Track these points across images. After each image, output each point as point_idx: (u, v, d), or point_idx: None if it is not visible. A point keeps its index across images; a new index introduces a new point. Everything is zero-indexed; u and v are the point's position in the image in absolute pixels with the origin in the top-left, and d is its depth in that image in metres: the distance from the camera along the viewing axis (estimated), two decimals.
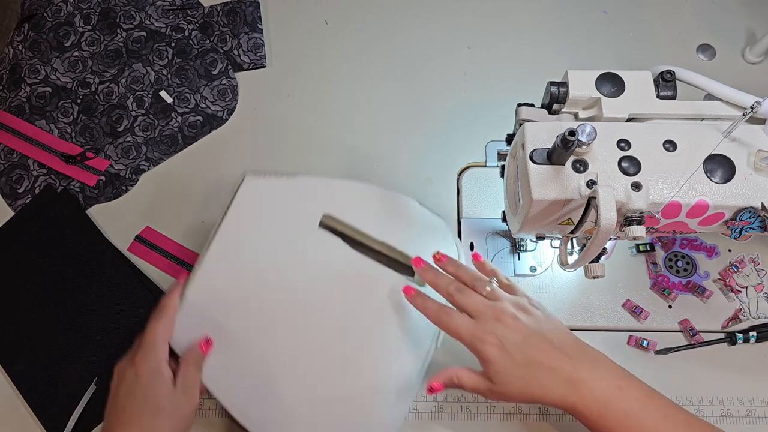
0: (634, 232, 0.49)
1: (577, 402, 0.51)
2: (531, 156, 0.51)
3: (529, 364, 0.52)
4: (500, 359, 0.52)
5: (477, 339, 0.53)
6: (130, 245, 0.72)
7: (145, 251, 0.71)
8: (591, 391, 0.51)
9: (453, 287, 0.56)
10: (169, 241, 0.72)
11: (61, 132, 0.77)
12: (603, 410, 0.51)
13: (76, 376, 0.66)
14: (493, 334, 0.52)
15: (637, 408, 0.51)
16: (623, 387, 0.52)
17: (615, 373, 0.52)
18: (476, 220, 0.72)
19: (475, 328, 0.53)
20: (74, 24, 0.82)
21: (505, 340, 0.52)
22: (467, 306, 0.55)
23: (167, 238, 0.72)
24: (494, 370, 0.52)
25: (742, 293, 0.68)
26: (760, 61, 0.80)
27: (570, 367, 0.52)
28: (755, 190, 0.51)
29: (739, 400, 0.64)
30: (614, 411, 0.50)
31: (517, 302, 0.55)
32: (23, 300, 0.69)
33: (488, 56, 0.81)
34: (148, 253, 0.71)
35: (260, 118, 0.78)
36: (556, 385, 0.52)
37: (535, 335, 0.53)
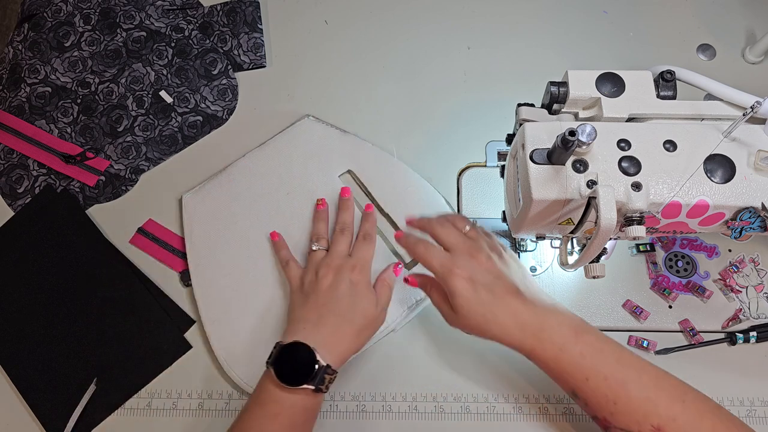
0: (634, 232, 0.49)
1: (535, 346, 0.54)
2: (531, 156, 0.51)
3: (493, 304, 0.54)
4: (467, 294, 0.54)
5: (447, 270, 0.55)
6: (132, 237, 0.72)
7: (147, 243, 0.72)
8: (549, 336, 0.53)
9: (435, 221, 0.60)
10: (170, 233, 0.72)
11: (61, 132, 0.77)
12: (559, 353, 0.53)
13: (76, 376, 0.66)
14: (465, 268, 0.55)
15: (592, 351, 0.53)
16: (579, 332, 0.54)
17: (572, 321, 0.55)
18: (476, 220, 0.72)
19: (448, 260, 0.56)
20: (74, 24, 0.82)
21: (475, 277, 0.55)
22: (445, 238, 0.58)
23: (169, 230, 0.72)
24: (459, 303, 0.55)
25: (742, 293, 0.68)
26: (760, 61, 0.80)
27: (532, 313, 0.54)
28: (755, 190, 0.51)
29: (739, 400, 0.64)
30: (570, 354, 0.53)
31: (493, 245, 0.59)
32: (23, 300, 0.69)
33: (488, 56, 0.81)
34: (150, 245, 0.72)
35: (260, 118, 0.78)
36: (516, 329, 0.54)
37: (504, 278, 0.55)
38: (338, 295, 0.59)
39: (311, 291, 0.61)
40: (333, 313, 0.58)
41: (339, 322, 0.57)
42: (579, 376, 0.52)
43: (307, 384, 0.53)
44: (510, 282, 0.55)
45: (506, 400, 0.64)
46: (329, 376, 0.54)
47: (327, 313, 0.58)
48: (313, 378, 0.53)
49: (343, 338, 0.57)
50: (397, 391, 0.65)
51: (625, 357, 0.53)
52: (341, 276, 0.61)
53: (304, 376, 0.53)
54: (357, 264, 0.62)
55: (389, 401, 0.64)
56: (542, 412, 0.64)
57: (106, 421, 0.65)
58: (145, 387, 0.66)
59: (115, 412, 0.65)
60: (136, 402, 0.65)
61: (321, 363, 0.54)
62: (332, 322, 0.57)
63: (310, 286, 0.61)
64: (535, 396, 0.64)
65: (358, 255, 0.64)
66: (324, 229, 0.68)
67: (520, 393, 0.65)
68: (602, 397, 0.52)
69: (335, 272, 0.61)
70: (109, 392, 0.65)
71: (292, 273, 0.65)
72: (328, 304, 0.59)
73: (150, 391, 0.66)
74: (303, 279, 0.63)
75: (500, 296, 0.54)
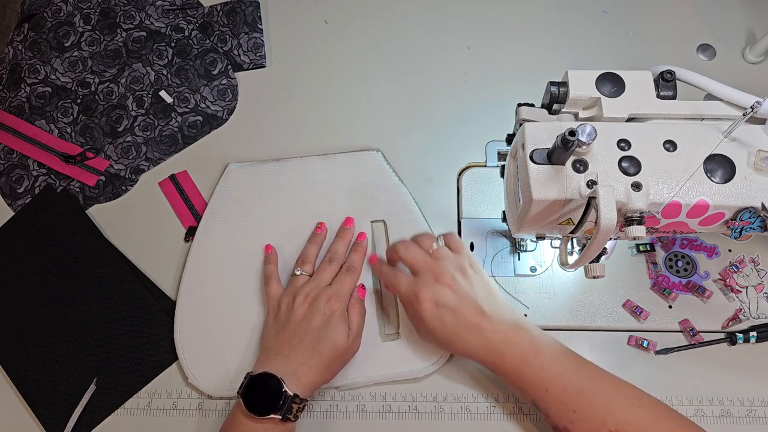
0: (634, 232, 0.49)
1: (497, 360, 0.57)
2: (531, 156, 0.51)
3: (457, 326, 0.58)
4: (431, 318, 0.58)
5: (413, 295, 0.59)
6: (162, 180, 0.74)
7: (172, 191, 0.73)
8: (511, 351, 0.57)
9: (401, 244, 0.63)
10: (197, 192, 0.74)
11: (61, 132, 0.77)
12: (520, 367, 0.56)
13: (76, 376, 0.66)
14: (429, 292, 0.58)
15: (551, 363, 0.56)
16: (539, 346, 0.57)
17: (533, 336, 0.57)
18: (476, 220, 0.72)
19: (413, 284, 0.60)
20: (74, 24, 0.82)
21: (440, 300, 0.58)
22: (410, 261, 0.61)
23: (197, 189, 0.74)
24: (425, 326, 0.59)
25: (742, 293, 0.68)
26: (760, 61, 0.80)
27: (494, 331, 0.57)
28: (755, 190, 0.51)
29: (739, 400, 0.64)
30: (530, 367, 0.56)
31: (459, 264, 0.60)
32: (23, 300, 0.69)
33: (488, 56, 0.81)
34: (174, 194, 0.73)
35: (260, 118, 0.78)
36: (480, 346, 0.57)
37: (468, 299, 0.58)
38: (311, 327, 0.60)
39: (285, 320, 0.61)
40: (303, 344, 0.59)
41: (309, 354, 0.58)
42: (540, 387, 0.55)
43: (275, 413, 0.54)
44: (473, 302, 0.58)
45: (506, 400, 0.64)
46: (297, 405, 0.55)
47: (297, 345, 0.59)
48: (281, 408, 0.54)
49: (311, 369, 0.58)
50: (397, 391, 0.65)
51: (584, 367, 0.56)
52: (316, 307, 0.61)
53: (272, 406, 0.54)
54: (334, 295, 0.62)
55: (389, 401, 0.64)
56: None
57: (106, 421, 0.65)
58: (145, 387, 0.66)
59: (115, 412, 0.65)
60: (136, 402, 0.65)
61: (288, 393, 0.55)
62: (302, 354, 0.58)
63: (285, 314, 0.62)
64: None
65: (338, 286, 0.63)
66: (314, 254, 0.67)
67: None
68: (562, 406, 0.54)
69: (311, 303, 0.62)
70: (109, 392, 0.65)
71: (271, 292, 0.65)
72: (298, 335, 0.60)
73: (150, 391, 0.66)
74: (280, 302, 0.63)
75: (464, 318, 0.58)
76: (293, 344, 0.59)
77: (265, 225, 0.71)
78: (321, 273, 0.65)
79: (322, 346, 0.59)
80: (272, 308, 0.64)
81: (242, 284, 0.68)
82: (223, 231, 0.71)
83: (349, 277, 0.65)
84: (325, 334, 0.60)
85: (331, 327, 0.60)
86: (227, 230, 0.71)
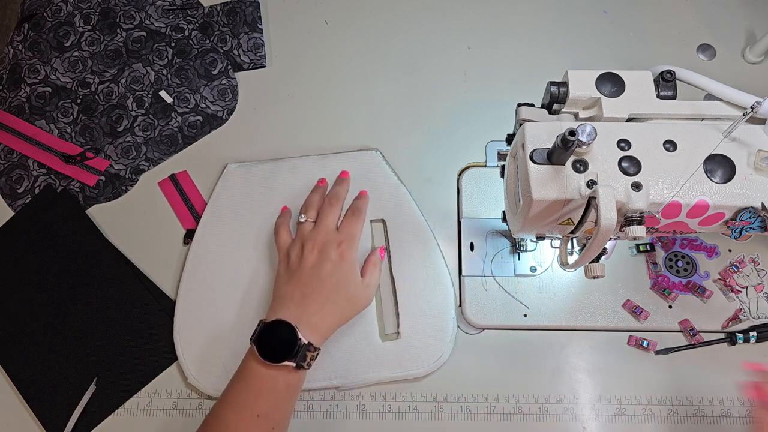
0: (634, 232, 0.49)
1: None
2: (531, 156, 0.51)
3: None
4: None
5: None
6: (161, 180, 0.74)
7: (172, 191, 0.73)
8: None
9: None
10: (197, 192, 0.73)
11: (61, 132, 0.77)
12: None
13: (76, 376, 0.66)
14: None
15: None
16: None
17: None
18: (476, 220, 0.72)
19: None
20: (74, 24, 0.82)
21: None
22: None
23: (197, 189, 0.74)
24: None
25: (742, 293, 0.68)
26: (760, 61, 0.80)
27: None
28: (755, 190, 0.51)
29: (739, 400, 0.64)
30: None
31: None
32: (23, 300, 0.69)
33: (488, 56, 0.81)
34: (174, 194, 0.73)
35: (260, 118, 0.78)
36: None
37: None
38: (322, 274, 0.60)
39: (296, 268, 0.61)
40: (317, 292, 0.59)
41: (322, 302, 0.59)
42: None
43: (288, 361, 0.55)
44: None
45: (506, 400, 0.64)
46: (311, 353, 0.56)
47: (311, 293, 0.59)
48: (295, 355, 0.55)
49: (326, 317, 0.59)
50: (397, 391, 0.65)
51: None
52: (326, 254, 0.61)
53: (286, 353, 0.55)
54: (344, 240, 0.62)
55: (389, 401, 0.65)
56: (542, 412, 0.64)
57: (106, 421, 0.65)
58: (145, 387, 0.66)
59: (115, 412, 0.65)
60: (136, 402, 0.65)
61: (302, 341, 0.55)
62: (316, 301, 0.59)
63: (295, 262, 0.62)
64: (535, 396, 0.64)
65: (345, 231, 0.64)
66: (316, 201, 0.67)
67: (520, 393, 0.65)
68: None
69: (320, 249, 0.62)
70: (109, 392, 0.65)
71: (281, 241, 0.66)
72: (311, 283, 0.60)
73: (150, 391, 0.66)
74: (290, 251, 0.64)
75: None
76: (306, 292, 0.59)
77: (265, 224, 0.71)
78: (324, 218, 0.65)
79: (334, 293, 0.59)
80: (283, 257, 0.64)
81: (242, 284, 0.68)
82: (222, 231, 0.71)
83: (355, 220, 0.65)
84: (338, 281, 0.60)
85: (342, 274, 0.61)
86: (226, 231, 0.71)
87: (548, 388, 0.65)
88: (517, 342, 0.67)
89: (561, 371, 0.66)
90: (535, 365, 0.66)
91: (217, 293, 0.68)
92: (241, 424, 0.54)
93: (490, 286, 0.69)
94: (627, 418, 0.63)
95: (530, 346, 0.67)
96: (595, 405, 0.64)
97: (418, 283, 0.68)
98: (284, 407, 0.56)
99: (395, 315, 0.67)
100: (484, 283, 0.69)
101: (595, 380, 0.65)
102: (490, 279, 0.69)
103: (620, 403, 0.64)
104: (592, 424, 0.63)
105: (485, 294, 0.69)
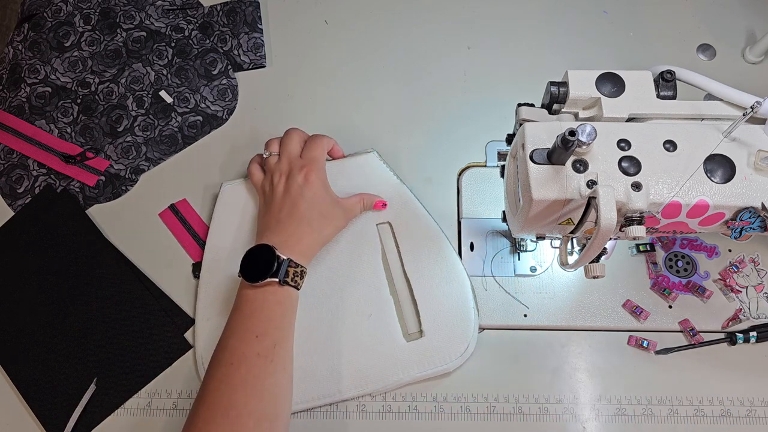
0: (634, 232, 0.49)
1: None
2: (531, 156, 0.51)
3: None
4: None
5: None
6: (162, 211, 0.73)
7: (174, 222, 0.73)
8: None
9: None
10: (199, 219, 0.73)
11: (61, 132, 0.77)
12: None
13: (76, 376, 0.66)
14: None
15: None
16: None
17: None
18: (476, 220, 0.72)
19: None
20: (74, 24, 0.82)
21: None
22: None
23: (199, 216, 0.73)
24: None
25: (742, 293, 0.68)
26: (760, 61, 0.80)
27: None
28: (755, 190, 0.51)
29: (739, 400, 0.64)
30: None
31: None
32: (23, 300, 0.69)
33: (488, 56, 0.81)
34: (176, 224, 0.72)
35: (260, 118, 0.78)
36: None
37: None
38: (292, 197, 0.63)
39: (269, 199, 0.65)
40: (290, 215, 0.63)
41: (296, 223, 0.62)
42: None
43: (271, 277, 0.58)
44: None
45: (506, 401, 0.64)
46: (293, 268, 0.59)
47: (284, 217, 0.63)
48: (276, 271, 0.58)
49: (303, 237, 0.62)
50: (397, 391, 0.65)
51: None
52: (292, 180, 0.64)
53: (266, 271, 0.58)
54: (305, 164, 0.65)
55: (389, 401, 0.65)
56: (542, 412, 0.64)
57: (106, 421, 0.65)
58: (145, 387, 0.66)
59: (115, 412, 0.65)
60: (136, 402, 0.65)
61: (281, 258, 0.59)
62: (290, 224, 0.62)
63: (269, 194, 0.66)
64: (535, 396, 0.64)
65: (308, 155, 0.66)
66: (275, 140, 0.69)
67: (520, 393, 0.65)
68: None
69: (286, 176, 0.65)
70: (109, 392, 0.65)
71: (254, 179, 0.69)
72: (284, 209, 0.63)
73: (150, 391, 0.66)
74: (263, 185, 0.68)
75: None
76: (280, 218, 0.63)
77: None
78: (285, 147, 0.67)
79: (307, 213, 0.63)
80: (259, 193, 0.69)
81: None
82: (227, 254, 0.69)
83: (316, 143, 0.68)
84: (309, 203, 0.63)
85: (311, 194, 0.64)
86: (232, 252, 0.69)
87: (548, 388, 0.65)
88: (517, 342, 0.67)
89: (561, 371, 0.66)
90: (535, 365, 0.66)
91: None
92: (242, 346, 0.57)
93: (490, 286, 0.69)
94: (627, 418, 0.63)
95: (530, 346, 0.67)
96: (595, 405, 0.64)
97: (434, 279, 0.67)
98: (280, 324, 0.59)
99: (416, 314, 0.67)
100: (484, 283, 0.69)
101: (595, 380, 0.65)
102: (490, 279, 0.69)
103: (620, 403, 0.64)
104: (592, 424, 0.63)
105: (485, 294, 0.69)
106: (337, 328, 0.66)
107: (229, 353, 0.57)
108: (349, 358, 0.65)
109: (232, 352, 0.57)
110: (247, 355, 0.56)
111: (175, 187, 0.75)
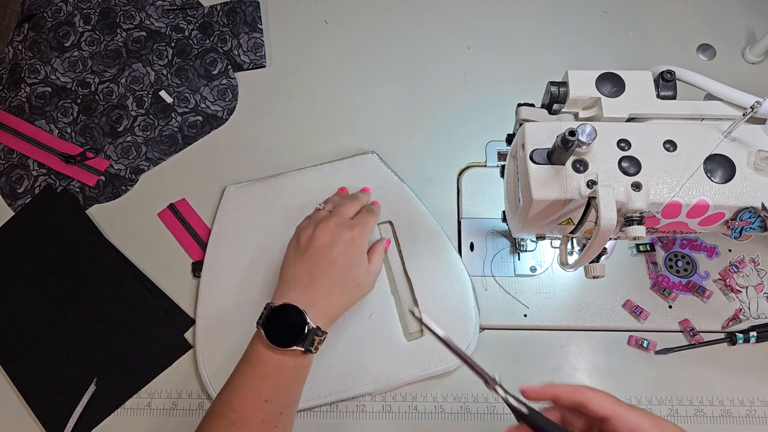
0: (634, 232, 0.49)
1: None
2: (531, 156, 0.51)
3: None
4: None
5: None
6: (161, 211, 0.73)
7: (173, 221, 0.72)
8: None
9: None
10: (199, 219, 0.72)
11: (61, 132, 0.77)
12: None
13: (76, 376, 0.66)
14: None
15: None
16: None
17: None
18: (476, 220, 0.72)
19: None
20: (74, 24, 0.82)
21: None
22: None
23: (198, 216, 0.73)
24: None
25: (742, 293, 0.68)
26: (760, 61, 0.80)
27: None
28: (755, 190, 0.51)
29: (739, 400, 0.64)
30: None
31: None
32: (23, 300, 0.69)
33: (488, 56, 0.81)
34: (176, 224, 0.72)
35: (260, 118, 0.78)
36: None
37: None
38: (333, 256, 0.59)
39: (306, 248, 0.60)
40: (325, 274, 0.58)
41: (331, 284, 0.58)
42: None
43: (297, 345, 0.54)
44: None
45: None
46: (319, 337, 0.55)
47: (319, 275, 0.58)
48: (303, 339, 0.54)
49: (333, 300, 0.58)
50: (397, 391, 0.65)
51: None
52: (339, 235, 0.60)
53: (294, 338, 0.54)
54: (357, 225, 0.61)
55: (389, 401, 0.64)
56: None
57: (106, 421, 0.65)
58: (145, 387, 0.66)
59: (115, 412, 0.65)
60: (136, 402, 0.65)
61: (311, 325, 0.54)
62: (324, 284, 0.57)
63: (305, 242, 0.60)
64: None
65: (360, 220, 0.63)
66: (337, 198, 0.67)
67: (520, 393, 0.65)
68: None
69: (333, 230, 0.60)
70: (109, 392, 0.65)
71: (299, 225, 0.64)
72: (320, 265, 0.58)
73: (150, 391, 0.66)
74: (301, 232, 0.62)
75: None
76: (314, 273, 0.58)
77: (270, 241, 0.69)
78: (342, 207, 0.64)
79: (344, 276, 0.58)
80: (293, 238, 0.63)
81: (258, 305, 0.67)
82: (229, 256, 0.69)
83: (370, 216, 0.64)
84: (347, 265, 0.59)
85: (352, 257, 0.59)
86: (234, 255, 0.69)
87: None
88: (517, 342, 0.67)
89: (561, 371, 0.66)
90: (536, 365, 0.66)
91: (234, 318, 0.67)
92: (247, 408, 0.53)
93: (490, 286, 0.69)
94: None
95: (530, 346, 0.67)
96: None
97: (435, 279, 0.68)
98: (292, 391, 0.56)
99: None
100: (484, 283, 0.69)
101: (595, 380, 0.65)
102: (490, 279, 0.69)
103: None
104: None
105: (485, 294, 0.69)
106: (337, 327, 0.65)
107: (232, 412, 0.53)
108: (350, 357, 0.65)
109: (235, 411, 0.53)
110: (251, 419, 0.53)
111: (175, 187, 0.75)
